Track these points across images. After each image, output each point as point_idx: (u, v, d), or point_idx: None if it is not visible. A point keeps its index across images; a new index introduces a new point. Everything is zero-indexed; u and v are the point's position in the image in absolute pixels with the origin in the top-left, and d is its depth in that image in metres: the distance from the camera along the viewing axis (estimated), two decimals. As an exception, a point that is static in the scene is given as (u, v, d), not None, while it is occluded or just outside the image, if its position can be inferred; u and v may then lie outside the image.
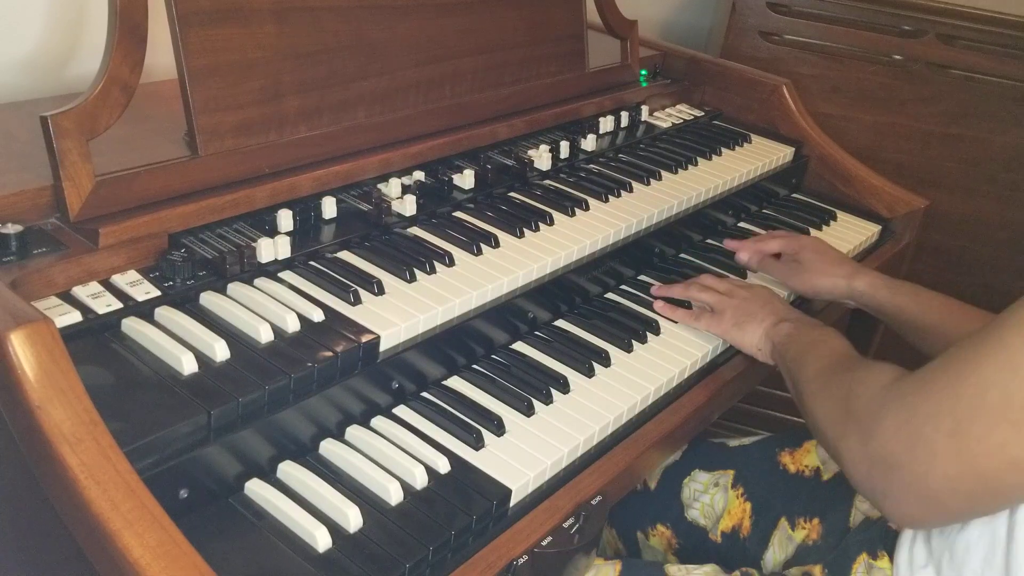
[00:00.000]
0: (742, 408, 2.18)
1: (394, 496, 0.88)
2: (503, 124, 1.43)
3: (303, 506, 0.85)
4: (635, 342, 1.20)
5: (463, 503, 0.89)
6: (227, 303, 0.96)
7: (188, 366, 0.86)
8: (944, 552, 0.91)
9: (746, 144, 1.75)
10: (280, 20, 1.11)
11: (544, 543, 0.90)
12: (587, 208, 1.35)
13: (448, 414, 1.00)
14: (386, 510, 0.87)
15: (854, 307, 1.40)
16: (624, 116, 1.66)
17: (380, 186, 1.24)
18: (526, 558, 0.88)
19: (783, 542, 1.22)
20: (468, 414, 1.01)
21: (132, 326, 0.90)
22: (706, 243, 1.54)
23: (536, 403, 1.05)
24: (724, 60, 2.00)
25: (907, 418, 0.81)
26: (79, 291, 0.92)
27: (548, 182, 1.41)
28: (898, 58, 2.20)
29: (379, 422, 0.98)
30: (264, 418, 0.87)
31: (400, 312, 1.02)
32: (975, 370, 0.77)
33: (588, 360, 1.13)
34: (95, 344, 0.88)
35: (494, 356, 1.13)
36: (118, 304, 0.92)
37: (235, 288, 0.99)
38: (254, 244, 1.04)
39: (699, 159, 1.62)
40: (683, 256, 1.49)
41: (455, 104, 1.36)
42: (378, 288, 1.04)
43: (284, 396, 0.89)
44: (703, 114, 1.84)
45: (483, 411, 1.02)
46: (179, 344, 0.88)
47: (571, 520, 0.93)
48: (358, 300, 1.02)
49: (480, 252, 1.17)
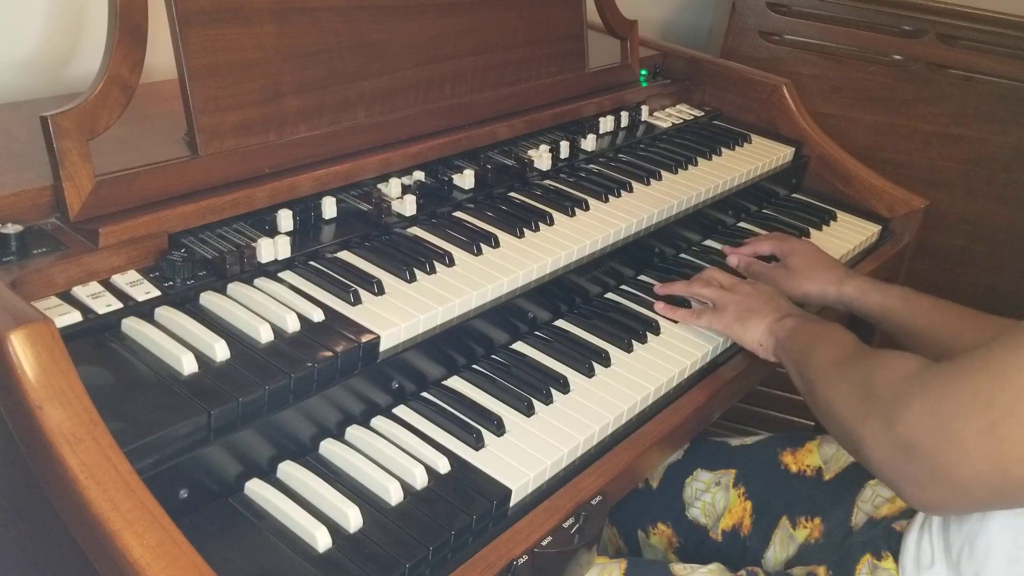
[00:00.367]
0: (743, 408, 2.18)
1: (394, 496, 0.88)
2: (503, 124, 1.43)
3: (303, 506, 0.85)
4: (635, 342, 1.20)
5: (463, 503, 0.89)
6: (227, 303, 0.96)
7: (188, 366, 0.86)
8: (963, 548, 0.90)
9: (746, 144, 1.75)
10: (280, 20, 1.11)
11: (544, 543, 0.90)
12: (587, 208, 1.35)
13: (448, 414, 1.00)
14: (386, 510, 0.87)
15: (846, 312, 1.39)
16: (624, 116, 1.66)
17: (380, 186, 1.24)
18: (526, 558, 0.88)
19: (784, 541, 1.21)
20: (468, 414, 1.01)
21: (132, 326, 0.90)
22: (705, 244, 1.54)
23: (536, 403, 1.05)
24: (724, 60, 2.00)
25: (934, 408, 0.81)
26: (79, 291, 0.92)
27: (548, 182, 1.41)
28: (898, 58, 2.20)
29: (379, 422, 0.98)
30: (264, 418, 0.87)
31: (400, 312, 1.02)
32: (1017, 375, 0.76)
33: (588, 360, 1.13)
34: (95, 344, 0.88)
35: (494, 356, 1.13)
36: (118, 304, 0.92)
37: (235, 288, 0.99)
38: (254, 244, 1.04)
39: (699, 159, 1.62)
40: (683, 256, 1.48)
41: (455, 104, 1.36)
42: (378, 288, 1.04)
43: (284, 396, 0.89)
44: (703, 114, 1.84)
45: (483, 411, 1.02)
46: (179, 344, 0.88)
47: (571, 520, 0.93)
48: (358, 300, 1.02)
49: (480, 252, 1.17)
